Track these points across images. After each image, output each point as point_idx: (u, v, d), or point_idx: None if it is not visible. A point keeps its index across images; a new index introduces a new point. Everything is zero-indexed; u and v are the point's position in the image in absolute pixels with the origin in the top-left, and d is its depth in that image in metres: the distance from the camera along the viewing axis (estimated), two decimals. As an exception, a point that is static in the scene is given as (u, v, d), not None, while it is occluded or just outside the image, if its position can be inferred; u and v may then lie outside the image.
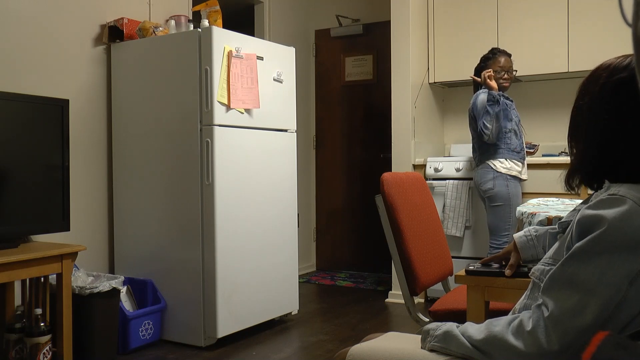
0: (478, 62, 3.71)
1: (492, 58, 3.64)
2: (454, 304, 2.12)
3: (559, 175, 1.28)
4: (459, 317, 1.87)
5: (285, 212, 3.60)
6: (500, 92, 3.52)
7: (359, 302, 4.18)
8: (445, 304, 2.15)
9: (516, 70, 3.71)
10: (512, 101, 3.63)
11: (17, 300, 2.82)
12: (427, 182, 4.09)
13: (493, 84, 3.50)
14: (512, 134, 3.52)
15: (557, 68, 3.98)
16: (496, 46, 3.80)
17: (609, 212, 1.06)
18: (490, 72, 3.54)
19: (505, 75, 3.60)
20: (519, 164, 3.54)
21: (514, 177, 3.50)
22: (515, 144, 3.53)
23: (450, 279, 2.49)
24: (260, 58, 3.39)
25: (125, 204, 3.39)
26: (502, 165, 3.48)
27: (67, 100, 2.89)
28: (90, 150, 3.35)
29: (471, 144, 3.70)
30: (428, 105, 4.47)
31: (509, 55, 3.65)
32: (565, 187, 1.26)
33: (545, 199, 2.93)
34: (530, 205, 2.41)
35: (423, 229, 2.24)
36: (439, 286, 4.06)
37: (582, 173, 1.22)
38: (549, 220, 1.91)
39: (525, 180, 3.65)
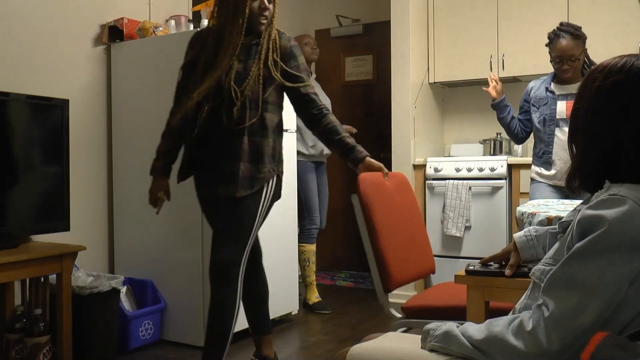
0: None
1: (552, 41, 3.10)
2: (426, 301, 2.14)
3: (559, 177, 1.29)
4: (431, 314, 2.03)
5: (285, 212, 3.60)
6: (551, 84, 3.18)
7: (359, 302, 4.18)
8: (418, 301, 2.17)
9: (585, 57, 3.12)
10: (551, 93, 3.17)
11: (17, 300, 2.82)
12: (427, 182, 4.10)
13: (490, 91, 3.33)
14: (536, 138, 3.25)
15: (557, 68, 3.98)
16: (562, 24, 3.11)
17: (609, 213, 1.06)
18: (493, 76, 3.40)
19: (565, 66, 3.06)
20: (546, 170, 3.15)
21: (543, 183, 3.17)
22: (538, 148, 3.23)
23: (435, 277, 2.50)
24: (260, 58, 3.38)
25: (125, 204, 3.39)
26: (534, 170, 3.26)
27: (67, 100, 2.89)
28: (90, 150, 3.35)
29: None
30: (428, 105, 4.47)
31: (576, 36, 3.04)
32: (566, 189, 1.27)
33: (545, 199, 2.93)
34: (530, 205, 2.41)
35: (401, 229, 2.27)
36: (439, 286, 4.06)
37: (580, 176, 1.22)
38: (549, 220, 1.91)
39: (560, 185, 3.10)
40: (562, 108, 3.13)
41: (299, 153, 3.90)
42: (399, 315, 2.13)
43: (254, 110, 2.32)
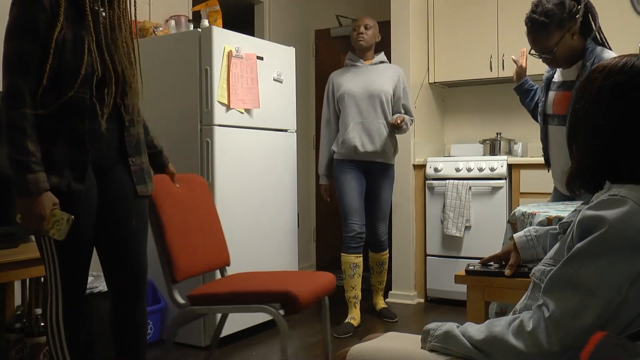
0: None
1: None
2: (211, 289, 2.32)
3: (560, 179, 1.28)
4: (213, 300, 2.24)
5: (285, 212, 3.60)
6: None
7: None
8: (204, 290, 2.33)
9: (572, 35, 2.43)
10: (547, 80, 2.64)
11: (17, 300, 2.82)
12: (427, 182, 4.10)
13: (515, 72, 2.80)
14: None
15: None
16: (532, 8, 2.46)
17: (609, 213, 1.06)
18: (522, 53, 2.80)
19: (545, 60, 2.54)
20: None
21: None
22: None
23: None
24: (260, 58, 3.39)
25: (125, 204, 3.39)
26: None
27: (67, 100, 2.89)
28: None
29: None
30: (428, 105, 4.47)
31: (539, 27, 2.43)
32: (567, 191, 1.26)
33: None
34: (530, 205, 2.41)
35: (191, 226, 2.44)
36: (439, 286, 4.06)
37: (582, 178, 1.22)
38: (549, 221, 1.91)
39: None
40: (550, 101, 2.60)
41: (335, 151, 3.65)
42: (183, 302, 2.26)
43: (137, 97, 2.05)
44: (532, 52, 2.55)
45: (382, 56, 3.77)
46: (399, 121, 3.49)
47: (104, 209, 1.97)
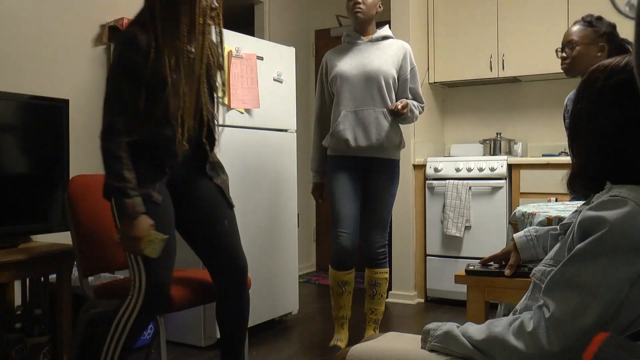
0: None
1: None
2: (109, 283, 2.47)
3: (562, 179, 1.28)
4: (100, 293, 2.36)
5: (285, 212, 3.60)
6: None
7: (359, 302, 4.17)
8: (106, 283, 2.46)
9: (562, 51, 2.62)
10: None
11: (17, 300, 2.82)
12: (427, 182, 4.10)
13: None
14: None
15: (557, 68, 3.92)
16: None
17: (610, 214, 1.06)
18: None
19: (562, 53, 2.59)
20: None
21: None
22: None
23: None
24: (260, 58, 3.39)
25: (125, 204, 3.38)
26: None
27: (67, 100, 2.89)
28: (91, 150, 3.34)
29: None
30: (428, 105, 4.46)
31: (587, 23, 2.57)
32: (568, 191, 1.26)
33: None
34: (530, 205, 2.41)
35: (107, 225, 2.45)
36: (439, 286, 4.06)
37: (584, 178, 1.21)
38: (549, 221, 1.91)
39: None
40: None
41: (327, 145, 3.08)
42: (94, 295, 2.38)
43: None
44: (559, 48, 2.68)
45: (386, 30, 3.13)
46: (399, 106, 2.82)
47: (198, 218, 2.24)
